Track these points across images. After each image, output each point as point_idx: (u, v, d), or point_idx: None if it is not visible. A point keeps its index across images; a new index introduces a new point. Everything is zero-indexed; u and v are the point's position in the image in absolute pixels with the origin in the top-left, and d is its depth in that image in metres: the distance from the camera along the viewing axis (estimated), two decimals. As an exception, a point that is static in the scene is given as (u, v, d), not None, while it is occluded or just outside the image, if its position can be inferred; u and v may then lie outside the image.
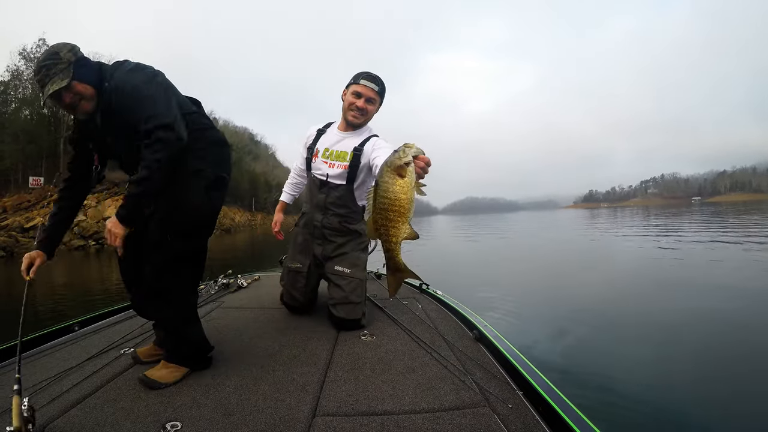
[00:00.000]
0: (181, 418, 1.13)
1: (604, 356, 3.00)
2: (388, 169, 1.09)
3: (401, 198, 1.09)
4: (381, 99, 1.98)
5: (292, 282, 2.11)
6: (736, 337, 3.42)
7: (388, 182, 1.09)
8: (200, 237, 1.48)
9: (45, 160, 33.74)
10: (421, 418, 1.12)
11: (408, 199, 1.10)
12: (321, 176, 2.00)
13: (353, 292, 1.93)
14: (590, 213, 61.47)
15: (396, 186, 1.08)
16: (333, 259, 2.01)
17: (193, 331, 1.48)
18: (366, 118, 1.97)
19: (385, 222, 1.11)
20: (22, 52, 36.09)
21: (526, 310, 4.63)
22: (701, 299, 4.82)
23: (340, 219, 2.00)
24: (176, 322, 1.43)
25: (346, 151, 1.96)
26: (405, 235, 1.13)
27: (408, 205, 1.10)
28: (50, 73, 1.24)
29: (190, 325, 1.47)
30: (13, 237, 20.88)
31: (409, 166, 1.09)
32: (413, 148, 1.11)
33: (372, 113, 1.98)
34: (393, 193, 1.09)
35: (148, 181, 1.24)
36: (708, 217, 25.19)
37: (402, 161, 1.08)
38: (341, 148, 1.98)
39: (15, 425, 0.94)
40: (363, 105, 1.91)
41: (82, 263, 14.48)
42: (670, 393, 2.40)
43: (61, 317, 4.72)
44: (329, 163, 1.98)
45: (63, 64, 1.25)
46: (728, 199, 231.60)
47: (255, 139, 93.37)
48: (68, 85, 1.25)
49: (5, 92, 35.24)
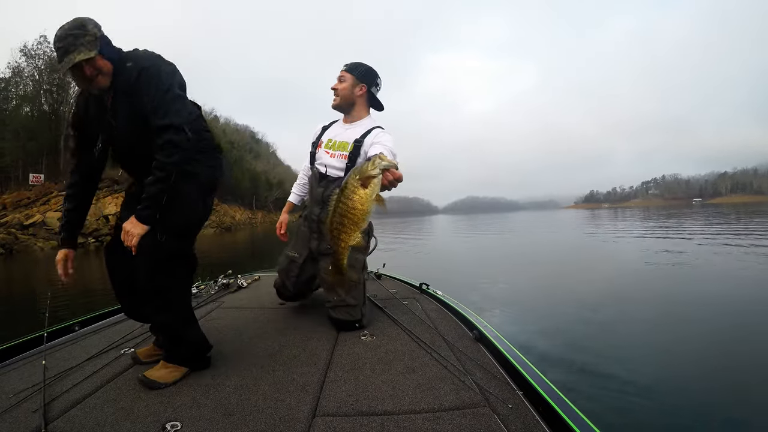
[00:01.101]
0: (181, 418, 1.13)
1: (604, 356, 3.00)
2: (355, 176, 1.11)
3: (358, 208, 1.11)
4: (354, 74, 1.99)
5: (286, 270, 2.16)
6: (738, 337, 3.42)
7: (351, 190, 1.11)
8: (191, 237, 1.53)
9: (45, 157, 33.73)
10: (421, 418, 1.12)
11: (364, 210, 1.11)
12: (321, 169, 2.02)
13: (350, 294, 1.91)
14: (591, 213, 61.45)
15: (356, 195, 1.10)
16: (328, 257, 2.00)
17: (192, 331, 1.48)
18: (342, 96, 2.00)
19: (339, 226, 1.13)
20: (23, 49, 36.07)
21: (526, 310, 4.63)
22: (702, 299, 4.82)
23: None
24: (175, 323, 1.44)
25: (347, 142, 1.97)
26: (354, 243, 1.16)
27: (362, 215, 1.12)
28: (77, 43, 1.25)
29: (189, 325, 1.48)
30: (12, 234, 20.89)
31: (375, 178, 1.10)
32: (385, 161, 1.11)
33: (346, 89, 1.99)
34: (352, 201, 1.11)
35: (166, 182, 1.29)
36: (710, 219, 25.17)
37: (369, 172, 1.09)
38: (343, 139, 2.00)
39: None
40: (334, 86, 2.00)
41: (81, 260, 14.50)
42: (670, 392, 2.40)
43: (61, 316, 4.72)
44: (330, 153, 2.00)
45: (90, 37, 1.27)
46: (729, 200, 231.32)
47: (256, 138, 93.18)
48: (92, 58, 1.27)
49: (6, 89, 35.19)
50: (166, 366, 1.40)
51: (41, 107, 35.88)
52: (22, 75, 36.05)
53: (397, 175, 1.12)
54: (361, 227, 1.13)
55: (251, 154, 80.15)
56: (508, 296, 5.41)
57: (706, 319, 4.00)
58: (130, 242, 1.32)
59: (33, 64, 36.44)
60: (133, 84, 1.32)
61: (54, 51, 1.28)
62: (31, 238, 21.83)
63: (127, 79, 1.33)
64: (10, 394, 1.28)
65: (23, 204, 27.41)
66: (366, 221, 1.14)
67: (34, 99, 35.55)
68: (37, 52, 36.39)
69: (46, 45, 36.42)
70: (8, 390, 1.31)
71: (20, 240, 20.65)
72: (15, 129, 32.51)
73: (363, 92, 2.00)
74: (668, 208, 75.58)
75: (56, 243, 1.59)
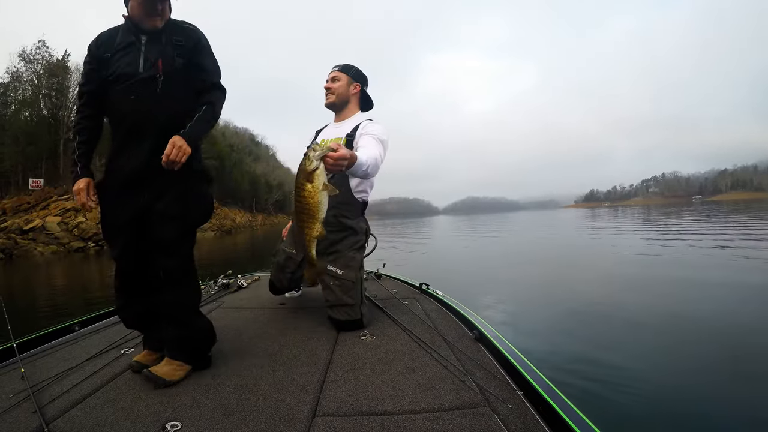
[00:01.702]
0: (181, 418, 1.13)
1: (604, 356, 3.00)
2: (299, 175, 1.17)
3: (309, 202, 1.19)
4: (349, 74, 2.10)
5: (282, 265, 2.18)
6: (739, 337, 3.41)
7: (299, 188, 1.18)
8: None
9: (45, 162, 33.73)
10: (421, 418, 1.12)
11: (315, 202, 1.19)
12: None
13: (347, 294, 1.91)
14: (591, 212, 61.43)
15: (305, 191, 1.18)
16: (326, 257, 1.98)
17: (201, 318, 1.55)
18: (338, 94, 2.09)
19: (300, 222, 1.20)
20: (22, 54, 36.04)
21: (526, 310, 4.63)
22: (704, 299, 4.82)
23: (335, 212, 1.96)
24: (190, 301, 1.50)
25: (339, 137, 2.03)
26: (317, 234, 1.22)
27: (316, 207, 1.20)
28: None
29: (199, 314, 1.56)
30: (12, 239, 20.87)
31: (316, 170, 1.16)
32: (318, 150, 1.17)
33: (342, 87, 2.09)
34: (302, 197, 1.18)
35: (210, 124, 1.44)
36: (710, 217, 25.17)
37: (308, 168, 1.16)
38: (335, 136, 2.07)
39: None
40: (328, 85, 2.10)
41: (81, 265, 14.49)
42: (671, 392, 2.39)
43: (61, 319, 4.72)
44: None
45: None
46: (729, 197, 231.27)
47: (256, 140, 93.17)
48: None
49: (5, 94, 35.21)
50: (170, 363, 1.41)
51: (40, 112, 35.86)
52: (21, 80, 36.09)
53: (335, 155, 1.17)
54: (318, 218, 1.21)
55: (251, 156, 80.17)
56: (508, 296, 5.41)
57: (707, 318, 3.99)
58: (178, 156, 1.31)
59: (32, 69, 36.48)
60: (196, 43, 1.46)
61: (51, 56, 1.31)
62: (31, 243, 21.82)
63: (189, 36, 1.46)
64: (10, 394, 1.28)
65: (23, 209, 27.40)
66: (321, 212, 1.22)
67: (33, 104, 35.56)
68: (36, 56, 36.45)
69: (45, 50, 36.51)
70: (8, 390, 1.31)
71: (20, 245, 20.63)
72: (14, 134, 32.53)
73: (357, 90, 2.12)
74: (668, 206, 75.54)
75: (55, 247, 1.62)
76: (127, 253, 1.46)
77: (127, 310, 1.55)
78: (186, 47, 1.44)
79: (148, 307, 1.51)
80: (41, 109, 36.13)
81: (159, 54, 1.40)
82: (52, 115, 36.20)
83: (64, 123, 35.73)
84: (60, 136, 35.18)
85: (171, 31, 1.45)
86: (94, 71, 1.43)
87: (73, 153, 1.46)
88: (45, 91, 36.48)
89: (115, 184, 1.43)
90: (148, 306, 1.50)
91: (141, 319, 1.55)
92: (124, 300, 1.53)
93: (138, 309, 1.53)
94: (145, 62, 1.39)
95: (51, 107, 36.44)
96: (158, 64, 1.39)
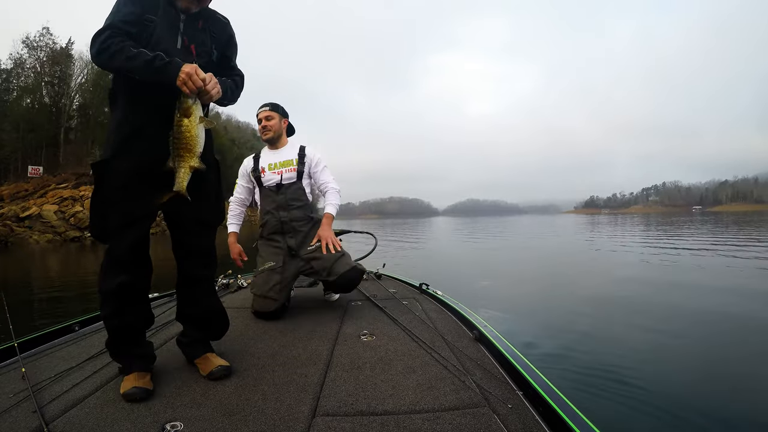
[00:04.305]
0: (181, 418, 1.13)
1: (604, 356, 3.00)
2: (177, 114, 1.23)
3: (186, 135, 1.24)
4: (278, 112, 2.39)
5: (264, 282, 2.17)
6: (740, 337, 3.42)
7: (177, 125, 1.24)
8: None
9: (45, 150, 33.68)
10: (421, 418, 1.12)
11: (192, 135, 1.26)
12: (275, 183, 2.35)
13: (336, 253, 2.20)
14: (590, 219, 61.56)
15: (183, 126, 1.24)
16: (304, 244, 2.31)
17: (217, 298, 1.59)
18: (275, 131, 2.38)
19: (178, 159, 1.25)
20: (25, 40, 35.99)
21: (526, 310, 4.63)
22: (704, 301, 4.83)
23: (302, 211, 2.35)
24: (222, 311, 1.55)
25: (289, 159, 2.37)
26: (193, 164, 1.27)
27: (193, 141, 1.26)
28: None
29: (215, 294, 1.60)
30: (8, 226, 20.81)
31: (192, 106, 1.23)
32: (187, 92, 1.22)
33: (276, 124, 2.38)
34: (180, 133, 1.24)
35: (234, 91, 1.45)
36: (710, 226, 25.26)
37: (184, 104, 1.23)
38: (282, 158, 2.38)
39: None
40: (264, 123, 2.38)
41: (78, 255, 14.46)
42: (671, 392, 2.39)
43: (59, 313, 4.71)
44: (278, 171, 2.36)
45: None
46: (729, 209, 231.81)
47: (257, 135, 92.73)
48: None
49: (7, 80, 35.13)
50: (215, 356, 1.46)
51: (42, 99, 35.80)
52: (24, 66, 36.00)
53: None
54: (196, 152, 1.27)
55: (252, 151, 79.77)
56: (508, 296, 5.41)
57: (710, 319, 4.00)
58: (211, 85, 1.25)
59: (35, 56, 36.40)
60: (229, 39, 1.49)
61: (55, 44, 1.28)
62: (26, 230, 21.76)
63: (224, 30, 1.47)
64: (10, 394, 1.26)
65: (21, 196, 27.32)
66: (198, 145, 1.27)
67: (35, 91, 35.48)
68: (39, 44, 36.37)
69: (48, 37, 36.42)
70: (8, 390, 1.30)
71: (15, 232, 20.56)
72: (15, 120, 32.45)
73: (286, 124, 2.45)
74: (668, 216, 75.77)
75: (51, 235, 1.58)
76: (136, 252, 1.30)
77: (120, 319, 1.31)
78: (220, 40, 1.44)
79: (139, 318, 1.37)
80: (43, 97, 36.07)
81: (193, 39, 1.35)
82: (54, 103, 36.11)
83: (65, 111, 35.63)
84: (61, 124, 35.10)
85: (207, 19, 1.41)
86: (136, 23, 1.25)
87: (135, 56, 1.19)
88: (47, 78, 36.39)
89: (131, 167, 1.27)
90: (140, 317, 1.37)
91: (130, 331, 1.35)
92: (116, 306, 1.29)
93: (130, 320, 1.33)
94: (182, 43, 1.33)
95: (53, 95, 36.37)
96: (191, 49, 1.34)
